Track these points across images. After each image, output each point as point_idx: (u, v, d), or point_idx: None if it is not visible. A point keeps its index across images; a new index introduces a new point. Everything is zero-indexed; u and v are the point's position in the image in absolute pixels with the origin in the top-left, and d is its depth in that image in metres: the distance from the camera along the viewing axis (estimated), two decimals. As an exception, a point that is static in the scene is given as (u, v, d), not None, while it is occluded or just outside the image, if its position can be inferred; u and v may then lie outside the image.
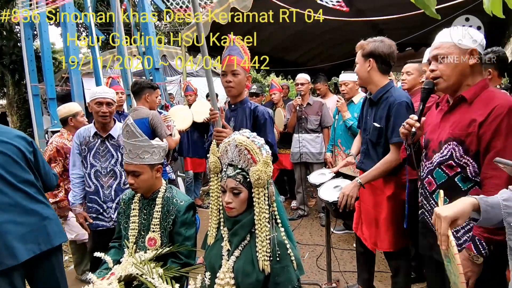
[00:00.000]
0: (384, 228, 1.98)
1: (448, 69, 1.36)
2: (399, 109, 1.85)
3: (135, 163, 1.63)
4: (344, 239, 3.55)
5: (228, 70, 1.92)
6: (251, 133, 1.34)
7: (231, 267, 1.31)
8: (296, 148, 3.98)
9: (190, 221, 1.70)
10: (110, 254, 1.69)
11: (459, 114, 1.38)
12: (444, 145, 1.38)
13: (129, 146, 1.63)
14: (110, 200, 2.32)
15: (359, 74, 2.01)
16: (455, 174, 1.35)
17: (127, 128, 1.63)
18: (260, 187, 1.28)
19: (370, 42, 1.92)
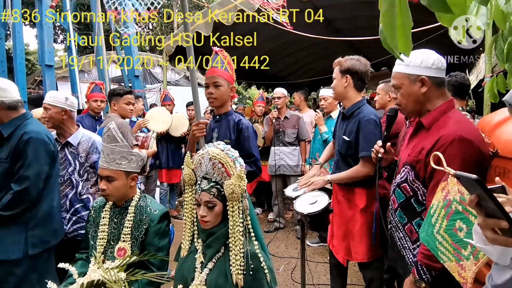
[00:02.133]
0: (358, 239, 2.03)
1: (403, 99, 1.41)
2: (366, 125, 1.95)
3: (111, 168, 1.59)
4: (319, 252, 3.58)
5: (210, 81, 1.93)
6: (225, 146, 1.34)
7: (203, 279, 1.29)
8: (273, 161, 4.02)
9: (163, 231, 1.66)
10: (76, 266, 1.61)
11: (417, 139, 1.42)
12: (403, 168, 1.43)
13: (108, 150, 1.60)
14: (65, 210, 2.20)
15: (336, 89, 2.10)
16: (410, 196, 1.39)
17: (109, 132, 1.60)
18: (235, 201, 1.28)
19: (347, 59, 2.03)
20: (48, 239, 1.94)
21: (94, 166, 2.22)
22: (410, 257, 1.40)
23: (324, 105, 3.47)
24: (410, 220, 1.40)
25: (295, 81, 6.89)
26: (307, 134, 4.04)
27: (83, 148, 2.24)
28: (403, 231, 1.44)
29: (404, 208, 1.42)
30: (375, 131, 1.95)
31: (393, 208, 1.50)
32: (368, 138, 1.92)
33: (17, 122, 1.86)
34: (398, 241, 1.48)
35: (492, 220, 0.71)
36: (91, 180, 2.26)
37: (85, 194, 2.24)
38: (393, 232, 1.53)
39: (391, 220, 1.54)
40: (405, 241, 1.44)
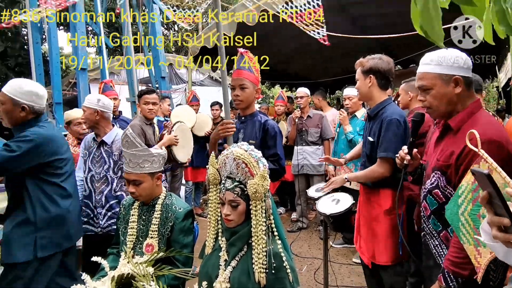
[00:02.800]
0: (383, 241, 2.00)
1: (435, 101, 1.33)
2: (387, 125, 1.91)
3: (136, 172, 1.65)
4: (343, 253, 3.53)
5: (236, 84, 1.96)
6: (249, 146, 1.36)
7: (227, 277, 1.32)
8: (296, 161, 4.01)
9: (188, 228, 1.72)
10: (108, 261, 1.69)
11: (445, 142, 1.37)
12: (432, 173, 1.38)
13: (129, 155, 1.66)
14: (100, 206, 2.32)
15: (360, 90, 2.07)
16: (444, 203, 1.33)
17: (126, 138, 1.66)
18: (258, 200, 1.30)
19: (369, 59, 1.99)
20: (60, 242, 1.91)
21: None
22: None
23: (348, 105, 3.43)
24: (445, 227, 1.34)
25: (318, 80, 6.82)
26: (330, 133, 4.01)
27: (116, 146, 2.35)
28: (438, 238, 1.39)
29: (438, 215, 1.37)
30: (396, 131, 1.90)
31: (426, 215, 1.45)
32: (388, 138, 1.89)
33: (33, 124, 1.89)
34: (433, 248, 1.42)
35: (496, 217, 0.72)
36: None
37: (119, 191, 2.36)
38: (427, 239, 1.47)
39: (424, 227, 1.48)
40: (441, 249, 1.38)
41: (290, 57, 6.24)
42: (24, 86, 1.86)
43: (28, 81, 1.93)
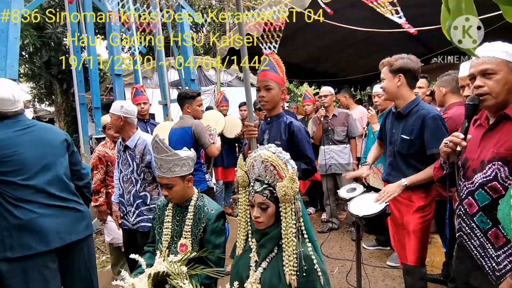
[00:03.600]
0: (413, 241, 1.99)
1: (498, 86, 1.31)
2: (433, 121, 1.90)
3: (167, 177, 1.71)
4: (376, 256, 3.43)
5: (262, 85, 1.98)
6: (277, 148, 1.36)
7: (258, 278, 1.34)
8: (323, 160, 3.96)
9: (220, 229, 1.76)
10: (144, 258, 1.78)
11: (503, 132, 1.32)
12: (488, 165, 1.32)
13: (160, 161, 1.71)
14: (130, 204, 2.51)
15: (388, 90, 2.06)
16: (500, 196, 1.27)
17: (156, 144, 1.71)
18: (287, 202, 1.30)
19: (398, 58, 1.99)
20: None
21: (149, 166, 2.47)
22: (493, 266, 1.29)
23: (378, 102, 3.32)
24: (496, 223, 1.28)
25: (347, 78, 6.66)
26: (357, 131, 3.91)
27: (138, 150, 2.47)
28: (482, 237, 1.33)
29: (488, 211, 1.30)
30: (442, 127, 1.89)
31: (469, 213, 1.38)
32: (439, 133, 1.86)
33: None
34: (473, 250, 1.36)
35: None
36: (148, 179, 2.49)
37: (143, 191, 2.50)
38: (464, 241, 1.41)
39: (463, 227, 1.42)
40: (483, 250, 1.32)
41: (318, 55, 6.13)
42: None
43: None
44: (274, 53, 2.08)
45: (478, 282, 1.36)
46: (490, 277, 1.30)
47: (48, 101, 11.98)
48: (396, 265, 3.08)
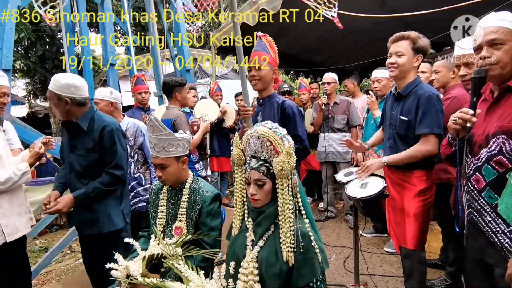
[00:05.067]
0: (413, 224, 1.96)
1: (507, 56, 1.27)
2: (427, 101, 1.85)
3: (162, 156, 1.68)
4: (374, 243, 3.43)
5: (253, 65, 1.95)
6: (273, 124, 1.33)
7: (255, 257, 1.31)
8: (322, 148, 3.93)
9: (215, 212, 1.73)
10: (139, 243, 1.75)
11: (507, 105, 1.29)
12: (492, 139, 1.29)
13: (154, 140, 1.69)
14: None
15: (404, 67, 1.94)
16: (506, 170, 1.25)
17: (151, 123, 1.68)
18: (284, 178, 1.27)
19: (421, 37, 1.91)
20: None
21: (141, 147, 2.59)
22: (506, 241, 1.25)
23: (378, 88, 3.28)
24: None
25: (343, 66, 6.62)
26: (357, 120, 3.87)
27: (130, 133, 2.57)
28: (492, 213, 1.29)
29: (496, 185, 1.27)
30: (437, 107, 1.83)
31: (477, 188, 1.35)
32: (430, 113, 1.82)
33: (88, 115, 2.05)
34: (485, 226, 1.32)
35: None
36: (140, 161, 2.62)
37: (137, 173, 2.62)
38: (474, 217, 1.37)
39: (471, 204, 1.38)
40: (496, 225, 1.28)
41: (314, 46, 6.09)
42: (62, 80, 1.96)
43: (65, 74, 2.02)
44: (267, 35, 2.04)
45: (493, 260, 1.30)
46: (504, 254, 1.25)
47: (43, 96, 11.84)
48: (393, 251, 3.07)
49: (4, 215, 2.00)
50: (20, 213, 2.12)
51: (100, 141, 2.01)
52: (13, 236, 2.03)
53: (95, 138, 2.01)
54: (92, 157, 2.01)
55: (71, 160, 2.06)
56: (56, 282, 3.13)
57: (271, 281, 1.26)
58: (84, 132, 2.01)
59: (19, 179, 2.03)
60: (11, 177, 1.99)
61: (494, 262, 1.30)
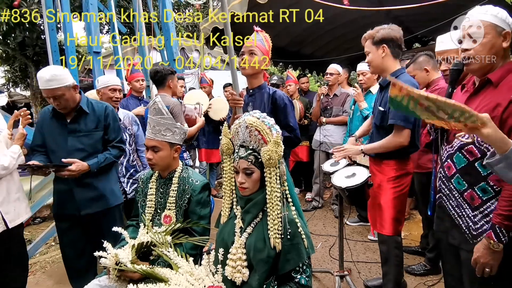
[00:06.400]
0: (385, 211, 2.04)
1: (484, 50, 1.30)
2: None
3: (157, 139, 1.70)
4: (358, 231, 3.53)
5: (246, 50, 1.96)
6: (261, 114, 1.36)
7: (243, 243, 1.35)
8: (318, 136, 3.99)
9: (204, 201, 1.75)
10: (128, 231, 1.76)
11: (484, 97, 1.34)
12: None
13: (154, 122, 1.71)
14: (122, 175, 2.69)
15: (373, 63, 2.02)
16: (476, 159, 1.33)
17: (155, 105, 1.71)
18: (272, 167, 1.30)
19: (379, 29, 1.97)
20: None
21: (134, 136, 2.73)
22: (470, 225, 1.35)
23: (362, 80, 3.34)
24: (471, 185, 1.34)
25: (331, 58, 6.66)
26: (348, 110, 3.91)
27: (128, 121, 2.70)
28: (459, 198, 1.39)
29: (465, 173, 1.36)
30: None
31: (447, 175, 1.44)
32: None
33: (84, 99, 2.18)
34: (452, 210, 1.43)
35: None
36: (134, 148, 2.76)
37: (134, 160, 2.75)
38: (443, 201, 1.47)
39: (442, 189, 1.48)
40: (461, 210, 1.38)
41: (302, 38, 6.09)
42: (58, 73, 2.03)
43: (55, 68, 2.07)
44: (263, 31, 2.05)
45: (456, 241, 1.42)
46: (467, 236, 1.36)
47: (23, 84, 11.44)
48: (376, 239, 3.18)
49: (3, 202, 2.04)
50: (19, 198, 2.16)
51: (105, 120, 2.19)
52: (15, 222, 2.08)
53: (99, 118, 2.17)
54: (96, 135, 2.17)
55: (69, 144, 2.11)
56: (41, 273, 3.09)
57: (259, 266, 1.29)
58: (86, 114, 2.15)
59: (16, 162, 2.07)
60: (11, 160, 2.04)
61: (457, 243, 1.42)
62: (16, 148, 2.09)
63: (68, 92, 2.03)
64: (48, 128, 2.16)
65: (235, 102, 1.98)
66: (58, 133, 2.13)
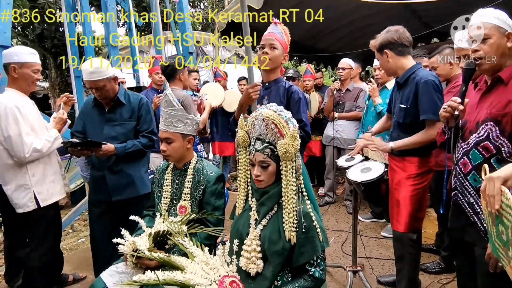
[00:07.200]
0: (402, 208, 2.01)
1: (492, 50, 1.37)
2: (425, 86, 1.88)
3: (169, 131, 1.72)
4: (372, 227, 3.50)
5: (267, 43, 1.94)
6: (278, 107, 1.35)
7: (258, 234, 1.36)
8: (330, 131, 3.94)
9: (219, 192, 1.77)
10: (144, 221, 1.80)
11: (497, 94, 1.38)
12: (481, 126, 1.38)
13: (165, 114, 1.72)
14: None
15: (384, 69, 2.13)
16: (491, 155, 1.34)
17: (166, 97, 1.73)
18: (288, 160, 1.30)
19: (377, 38, 2.04)
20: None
21: None
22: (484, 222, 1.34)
23: (378, 75, 3.28)
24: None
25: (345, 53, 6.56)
26: (362, 105, 3.85)
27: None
28: (475, 195, 1.38)
29: (480, 170, 1.32)
30: (436, 92, 1.86)
31: (464, 172, 1.44)
32: (431, 99, 1.85)
33: (122, 90, 2.32)
34: (467, 206, 1.42)
35: None
36: None
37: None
38: (459, 199, 1.47)
39: (458, 186, 1.48)
40: (477, 206, 1.38)
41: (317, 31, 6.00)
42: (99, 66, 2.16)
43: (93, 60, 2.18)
44: (282, 23, 2.03)
45: (471, 238, 1.41)
46: (483, 233, 1.35)
47: (42, 76, 11.71)
48: (390, 235, 3.14)
49: (38, 182, 2.17)
50: (55, 180, 2.28)
51: (138, 111, 2.30)
52: (46, 201, 2.20)
53: (133, 109, 2.30)
54: (129, 125, 2.30)
55: (105, 132, 2.26)
56: (60, 259, 3.20)
57: (273, 258, 1.30)
58: (122, 104, 2.29)
59: (52, 145, 2.19)
60: (45, 143, 2.14)
61: (472, 240, 1.41)
62: (53, 132, 2.23)
63: (108, 84, 2.18)
64: (88, 116, 2.33)
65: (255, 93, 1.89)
66: (96, 121, 2.29)
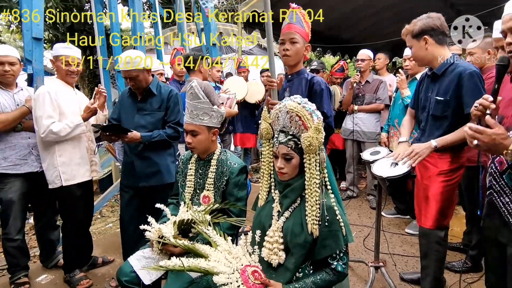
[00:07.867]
0: (431, 205, 1.95)
1: None
2: (470, 79, 1.78)
3: (195, 123, 1.75)
4: (395, 223, 3.43)
5: (287, 38, 1.91)
6: (302, 99, 1.33)
7: (280, 226, 1.36)
8: (349, 124, 3.86)
9: (242, 183, 1.78)
10: (169, 208, 1.86)
11: None
12: None
13: (191, 107, 1.75)
14: None
15: (418, 57, 1.96)
16: None
17: (191, 90, 1.74)
18: (312, 153, 1.29)
19: (416, 22, 1.89)
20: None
21: None
22: None
23: (409, 66, 3.15)
24: None
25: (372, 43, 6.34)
26: (385, 100, 3.72)
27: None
28: (511, 195, 1.31)
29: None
30: (479, 84, 1.77)
31: (500, 170, 1.36)
32: (478, 91, 1.75)
33: (155, 82, 2.40)
34: (503, 206, 1.35)
35: None
36: None
37: None
38: (494, 198, 1.39)
39: (493, 185, 1.40)
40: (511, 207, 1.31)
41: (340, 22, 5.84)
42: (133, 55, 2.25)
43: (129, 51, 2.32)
44: (301, 7, 1.98)
45: (505, 239, 1.35)
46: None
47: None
48: (414, 232, 3.07)
49: (64, 163, 2.34)
50: (80, 163, 2.42)
51: (167, 102, 2.37)
52: (68, 181, 2.36)
53: (163, 100, 2.37)
54: (158, 115, 2.37)
55: (135, 120, 2.35)
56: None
57: (295, 250, 1.31)
58: (153, 95, 2.37)
59: (72, 131, 2.30)
60: (64, 127, 2.26)
61: (506, 241, 1.34)
62: (77, 119, 2.34)
63: (142, 74, 2.27)
64: (123, 104, 2.45)
65: (270, 84, 1.96)
66: (129, 110, 2.40)
